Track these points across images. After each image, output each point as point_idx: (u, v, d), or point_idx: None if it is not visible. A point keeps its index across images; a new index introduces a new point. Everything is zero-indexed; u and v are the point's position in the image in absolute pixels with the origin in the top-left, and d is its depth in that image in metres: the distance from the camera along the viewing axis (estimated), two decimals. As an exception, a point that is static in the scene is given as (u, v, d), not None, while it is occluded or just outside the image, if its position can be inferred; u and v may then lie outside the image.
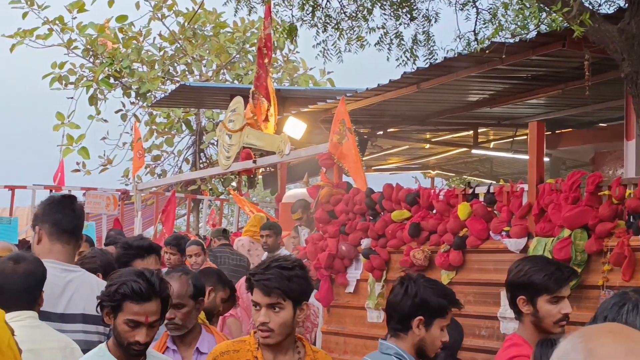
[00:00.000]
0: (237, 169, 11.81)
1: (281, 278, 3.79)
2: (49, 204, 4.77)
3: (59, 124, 19.23)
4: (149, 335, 3.90)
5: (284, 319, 3.82)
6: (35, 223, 4.75)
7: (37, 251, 4.67)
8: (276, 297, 3.79)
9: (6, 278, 4.10)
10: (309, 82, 19.58)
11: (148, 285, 3.87)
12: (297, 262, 3.93)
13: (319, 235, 9.18)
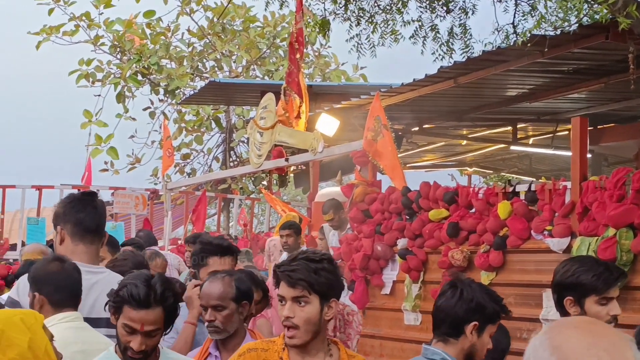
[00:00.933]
0: (268, 168, 11.62)
1: (307, 270, 3.57)
2: (70, 202, 4.58)
3: (86, 122, 19.09)
4: (144, 343, 3.75)
5: (310, 315, 3.57)
6: (57, 222, 4.55)
7: (59, 252, 4.50)
8: (301, 290, 3.56)
9: (58, 278, 4.08)
10: (341, 77, 19.34)
11: (148, 291, 3.75)
12: (326, 256, 3.70)
13: (354, 235, 9.02)
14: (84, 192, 4.78)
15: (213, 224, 22.45)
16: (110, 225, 14.10)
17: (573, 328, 1.75)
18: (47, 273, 4.09)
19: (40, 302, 4.03)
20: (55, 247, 4.57)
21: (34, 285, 4.08)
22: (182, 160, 20.22)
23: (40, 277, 4.08)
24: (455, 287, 3.88)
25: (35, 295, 4.05)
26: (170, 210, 13.80)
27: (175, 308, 3.88)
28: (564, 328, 1.76)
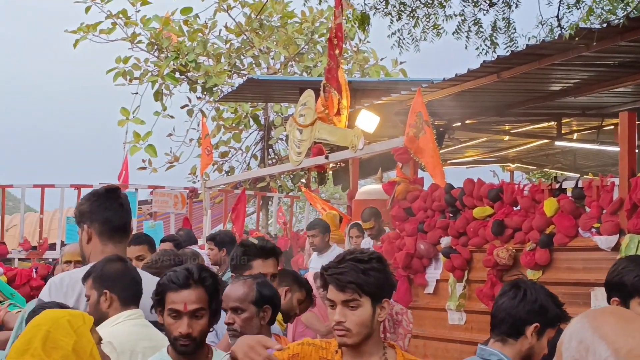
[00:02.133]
0: (308, 165, 11.51)
1: (356, 271, 3.43)
2: (96, 199, 4.46)
3: (123, 120, 19.08)
4: (192, 326, 3.75)
5: (362, 318, 3.44)
6: (82, 220, 4.44)
7: (87, 251, 4.44)
8: (351, 293, 3.43)
9: (126, 276, 4.15)
10: (380, 73, 19.17)
11: (187, 273, 3.81)
12: (375, 255, 3.55)
13: (396, 233, 8.91)
14: (107, 187, 4.59)
15: (251, 222, 22.40)
16: (149, 224, 14.08)
17: (609, 314, 2.14)
18: (116, 272, 4.13)
19: (110, 300, 4.08)
20: (82, 245, 4.47)
21: (104, 284, 4.09)
22: (221, 159, 20.15)
23: (110, 275, 4.10)
24: (518, 287, 3.84)
25: (106, 293, 4.08)
26: (209, 208, 13.72)
27: (216, 289, 3.86)
28: (600, 313, 2.13)
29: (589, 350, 2.08)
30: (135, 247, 6.64)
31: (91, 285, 4.13)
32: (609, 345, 2.05)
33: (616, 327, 2.07)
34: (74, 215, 4.69)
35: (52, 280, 4.40)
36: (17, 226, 16.71)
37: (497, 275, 7.83)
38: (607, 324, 2.08)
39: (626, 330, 2.06)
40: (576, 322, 2.13)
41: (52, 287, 4.31)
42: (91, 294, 4.12)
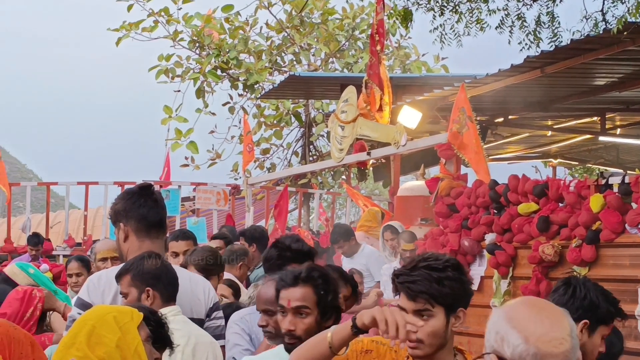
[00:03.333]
0: (350, 162, 11.50)
1: (429, 281, 3.26)
2: (130, 197, 4.48)
3: (166, 118, 19.18)
4: (295, 324, 3.65)
5: (434, 328, 3.26)
6: (118, 219, 4.46)
7: (124, 249, 4.45)
8: (423, 303, 3.26)
9: (166, 273, 4.19)
10: (422, 68, 19.11)
11: (296, 272, 3.77)
12: (450, 262, 3.36)
13: (439, 230, 8.86)
14: (141, 185, 4.61)
15: (292, 219, 22.43)
16: (192, 221, 14.15)
17: (521, 304, 2.41)
18: (157, 269, 4.16)
19: (153, 297, 4.11)
20: (119, 244, 4.49)
21: (146, 281, 4.11)
22: (262, 155, 20.20)
23: (151, 273, 4.14)
24: (568, 284, 3.85)
25: (149, 290, 4.10)
26: (252, 205, 13.77)
27: (326, 290, 3.77)
28: (514, 305, 2.42)
29: (504, 340, 2.33)
30: (183, 242, 6.67)
31: (130, 283, 4.14)
32: (520, 334, 2.29)
33: (527, 316, 2.31)
34: (109, 216, 4.71)
35: (90, 279, 4.43)
36: (62, 223, 16.89)
37: (543, 271, 7.76)
38: (519, 314, 2.34)
39: (537, 318, 2.31)
40: (495, 314, 2.40)
41: (90, 285, 4.34)
42: (130, 292, 4.13)
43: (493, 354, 2.44)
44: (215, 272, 6.09)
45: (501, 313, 2.39)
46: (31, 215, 15.74)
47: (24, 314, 5.39)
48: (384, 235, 10.56)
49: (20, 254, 13.38)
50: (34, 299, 5.47)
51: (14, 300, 5.47)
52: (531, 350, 2.31)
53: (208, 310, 4.50)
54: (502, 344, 2.37)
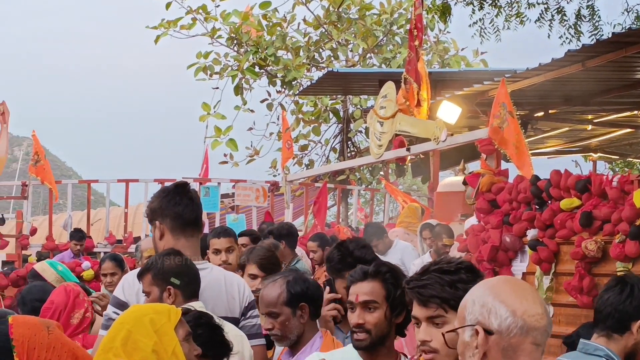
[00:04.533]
0: (389, 158, 11.45)
1: (441, 284, 3.11)
2: (166, 196, 4.47)
3: (205, 115, 19.22)
4: (363, 317, 3.64)
5: (449, 336, 2.96)
6: (154, 217, 4.46)
7: (160, 247, 4.44)
8: (435, 308, 3.10)
9: (187, 270, 4.16)
10: (461, 63, 18.99)
11: (365, 267, 3.80)
12: (464, 265, 3.20)
13: (481, 226, 8.79)
14: (176, 183, 4.61)
15: (331, 215, 22.40)
16: (232, 218, 14.19)
17: (504, 282, 2.61)
18: (178, 267, 4.14)
19: (175, 296, 4.09)
20: (155, 242, 4.49)
21: (167, 280, 4.10)
22: (300, 152, 20.18)
23: (172, 271, 4.12)
24: (625, 283, 3.79)
25: (170, 289, 4.09)
26: (291, 202, 13.76)
27: (395, 285, 3.73)
28: (497, 282, 2.60)
29: (491, 312, 2.50)
30: (224, 239, 6.66)
31: (151, 282, 4.14)
32: (508, 308, 2.48)
33: (512, 293, 2.51)
34: (145, 214, 4.72)
35: (126, 278, 4.45)
36: (102, 220, 16.99)
37: (586, 267, 7.67)
38: (505, 290, 2.52)
39: (520, 294, 2.51)
40: (477, 290, 2.56)
41: (125, 284, 4.35)
42: (152, 290, 4.13)
43: (479, 325, 2.52)
44: (277, 270, 6.08)
45: (485, 289, 2.56)
46: (72, 212, 15.85)
47: (72, 309, 5.39)
48: (422, 233, 10.52)
49: (62, 251, 13.48)
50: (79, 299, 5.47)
51: (60, 292, 5.49)
52: (519, 322, 2.48)
53: (243, 309, 4.45)
54: (488, 316, 2.51)
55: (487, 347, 2.51)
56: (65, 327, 5.29)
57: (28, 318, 3.75)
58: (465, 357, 2.59)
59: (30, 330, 3.62)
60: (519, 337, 2.50)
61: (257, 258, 5.87)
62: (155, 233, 4.47)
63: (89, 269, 11.72)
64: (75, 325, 5.31)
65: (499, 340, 2.50)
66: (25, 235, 14.21)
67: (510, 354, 2.51)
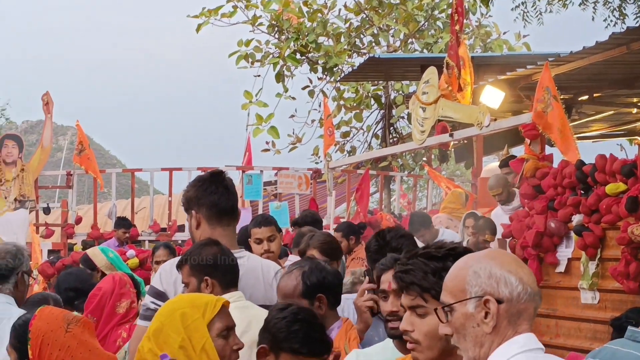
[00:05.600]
0: (432, 144, 11.38)
1: (424, 271, 2.91)
2: (202, 185, 4.49)
3: (246, 103, 19.23)
4: (397, 306, 3.43)
5: (431, 327, 2.87)
6: (190, 206, 4.48)
7: (196, 237, 4.46)
8: (414, 296, 2.92)
9: (224, 260, 4.15)
10: (503, 47, 18.81)
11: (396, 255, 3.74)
12: (455, 251, 2.96)
13: (525, 212, 8.72)
14: (212, 172, 4.63)
15: (373, 201, 22.35)
16: (275, 205, 14.21)
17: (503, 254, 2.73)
18: (214, 256, 4.13)
19: (212, 286, 4.09)
20: (192, 231, 4.50)
21: (204, 270, 4.10)
22: (342, 139, 20.13)
23: (208, 261, 4.11)
24: None
25: (207, 279, 4.08)
26: (333, 189, 13.74)
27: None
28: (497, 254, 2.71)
29: (500, 282, 2.58)
30: (265, 228, 6.67)
31: (189, 273, 4.14)
32: (516, 276, 2.59)
33: (512, 263, 2.64)
34: (181, 203, 4.74)
35: (163, 267, 4.45)
36: (146, 208, 17.11)
37: (632, 253, 7.58)
38: (506, 261, 2.63)
39: (518, 264, 2.65)
40: (474, 263, 2.64)
41: (163, 273, 4.37)
42: (190, 282, 4.14)
43: (489, 296, 2.59)
44: (339, 255, 6.07)
45: (486, 260, 2.64)
46: (116, 201, 15.96)
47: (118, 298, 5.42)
48: (465, 221, 10.47)
49: (107, 240, 13.59)
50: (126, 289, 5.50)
51: (108, 280, 5.53)
52: (528, 289, 2.60)
53: None
54: (497, 286, 2.60)
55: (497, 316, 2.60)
56: (111, 316, 5.35)
57: (55, 312, 3.77)
58: (465, 329, 2.64)
59: (49, 326, 3.64)
60: (526, 303, 2.62)
61: (318, 243, 5.89)
62: (192, 222, 4.48)
63: (133, 257, 11.81)
64: (122, 314, 5.35)
65: (508, 307, 2.60)
66: (70, 224, 14.35)
67: (514, 319, 2.60)
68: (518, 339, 2.60)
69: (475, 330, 2.62)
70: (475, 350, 2.62)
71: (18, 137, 14.35)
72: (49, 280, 10.24)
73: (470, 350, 2.63)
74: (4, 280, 4.78)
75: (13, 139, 14.00)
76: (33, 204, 13.79)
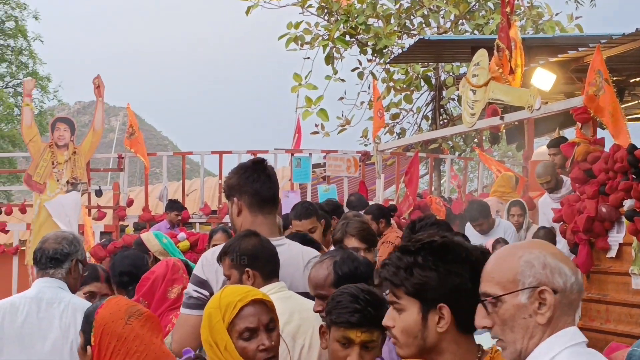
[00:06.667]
0: (482, 127, 11.29)
1: (397, 266, 2.82)
2: (244, 172, 4.49)
3: (296, 86, 19.21)
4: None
5: (405, 324, 2.81)
6: (232, 194, 4.49)
7: (237, 224, 4.48)
8: (389, 292, 2.85)
9: (264, 251, 4.16)
10: (555, 28, 18.57)
11: None
12: (430, 245, 2.84)
13: (576, 196, 8.64)
14: (254, 160, 4.62)
15: (423, 183, 22.27)
16: (324, 188, 14.20)
17: (552, 246, 2.71)
18: (254, 247, 4.14)
19: (253, 277, 4.11)
20: (232, 218, 4.51)
21: (245, 262, 4.11)
22: (391, 121, 20.04)
23: (249, 252, 4.13)
24: None
25: (248, 271, 4.10)
26: (382, 171, 13.70)
27: None
28: (546, 245, 2.67)
29: (555, 272, 2.56)
30: (306, 220, 6.65)
31: (230, 265, 4.16)
32: (569, 267, 2.59)
33: (561, 255, 2.63)
34: (222, 190, 4.74)
35: (205, 255, 4.46)
36: (197, 191, 17.21)
37: (685, 238, 7.51)
38: (556, 252, 2.62)
39: (566, 257, 2.64)
40: (527, 253, 2.59)
41: (204, 261, 4.38)
42: (231, 274, 4.15)
43: (545, 286, 2.56)
44: (376, 242, 6.01)
45: (539, 250, 2.61)
46: (167, 183, 16.07)
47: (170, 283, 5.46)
48: (510, 210, 10.40)
49: (158, 222, 13.69)
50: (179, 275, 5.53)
51: (162, 265, 5.57)
52: (579, 280, 2.61)
53: None
54: (552, 276, 2.57)
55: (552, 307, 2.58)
56: (162, 301, 5.39)
57: (121, 303, 3.82)
58: (515, 320, 2.59)
59: (111, 316, 3.71)
60: (577, 294, 2.61)
61: (355, 230, 5.75)
62: (233, 209, 4.49)
63: (184, 240, 11.89)
64: (173, 299, 5.38)
65: (561, 298, 2.57)
66: (122, 207, 14.48)
67: (566, 310, 2.58)
68: (566, 331, 2.58)
69: (527, 322, 2.58)
70: (524, 341, 2.58)
71: (70, 120, 14.47)
72: (100, 262, 10.35)
73: (518, 342, 2.58)
74: (58, 264, 4.84)
75: (65, 122, 14.12)
76: (85, 187, 13.91)
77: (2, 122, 31.14)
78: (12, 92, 32.67)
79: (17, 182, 21.64)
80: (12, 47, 32.75)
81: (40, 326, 4.67)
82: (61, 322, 4.67)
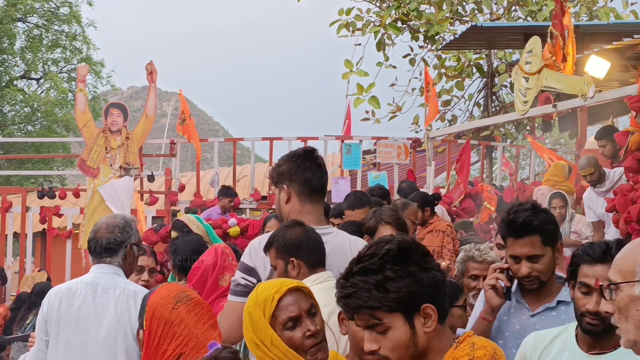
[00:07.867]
0: (535, 115, 11.19)
1: (367, 290, 2.74)
2: (295, 160, 4.50)
3: (347, 72, 19.16)
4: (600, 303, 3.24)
5: (396, 340, 2.75)
6: (281, 181, 4.50)
7: (285, 211, 4.49)
8: (368, 318, 2.76)
9: (309, 240, 4.16)
10: (610, 15, 18.31)
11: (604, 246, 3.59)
12: (389, 255, 2.77)
13: (629, 186, 8.53)
14: (305, 149, 4.62)
15: (474, 171, 22.15)
16: (374, 175, 14.19)
17: None
18: (299, 237, 4.15)
19: (299, 267, 4.13)
20: (280, 205, 4.52)
21: (290, 252, 4.14)
22: (443, 107, 19.92)
23: (294, 242, 4.14)
24: None
25: (293, 260, 4.12)
26: (433, 158, 13.65)
27: None
28: None
29: None
30: (359, 210, 6.63)
31: (276, 256, 4.18)
32: None
33: None
34: (269, 176, 4.77)
35: (252, 243, 4.48)
36: (248, 177, 17.29)
37: None
38: None
39: None
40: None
41: (252, 250, 4.41)
42: (277, 264, 4.17)
43: None
44: (407, 229, 5.98)
45: None
46: (218, 169, 16.16)
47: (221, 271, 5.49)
48: (551, 202, 10.29)
49: (209, 207, 13.78)
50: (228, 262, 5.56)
51: (211, 252, 5.60)
52: None
53: None
54: None
55: None
56: (214, 289, 5.43)
57: (171, 288, 3.87)
58: (628, 311, 2.53)
59: (161, 301, 3.77)
60: None
61: (391, 218, 5.71)
62: (281, 196, 4.50)
63: (235, 225, 11.96)
64: (225, 287, 5.41)
65: None
66: (174, 192, 14.60)
67: None
68: None
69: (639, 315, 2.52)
70: (637, 333, 2.52)
71: (123, 105, 14.61)
72: (152, 247, 10.46)
73: (631, 332, 2.53)
74: (113, 253, 4.89)
75: (118, 107, 14.26)
76: (137, 172, 14.05)
77: (57, 107, 31.48)
78: (66, 78, 33.02)
79: (71, 166, 21.93)
80: (66, 32, 33.08)
81: (96, 311, 4.74)
82: (116, 307, 4.73)
